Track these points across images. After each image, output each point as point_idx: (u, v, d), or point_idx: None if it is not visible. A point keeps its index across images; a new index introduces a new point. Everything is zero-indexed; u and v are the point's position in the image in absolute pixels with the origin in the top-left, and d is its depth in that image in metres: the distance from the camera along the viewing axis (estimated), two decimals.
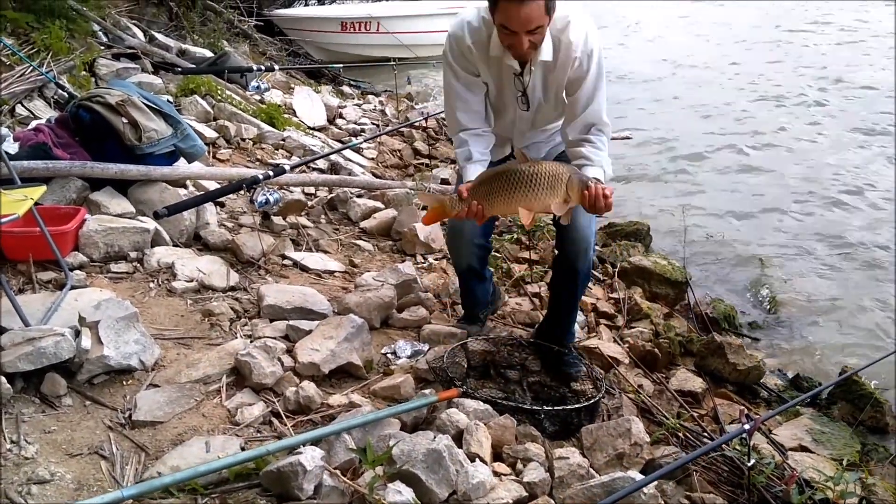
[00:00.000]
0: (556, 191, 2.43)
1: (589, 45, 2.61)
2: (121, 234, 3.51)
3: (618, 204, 6.20)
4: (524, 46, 2.47)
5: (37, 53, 5.29)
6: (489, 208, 2.50)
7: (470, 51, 2.66)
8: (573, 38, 2.58)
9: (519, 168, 2.45)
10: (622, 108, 9.03)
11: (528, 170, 2.44)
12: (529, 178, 2.43)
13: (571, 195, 2.43)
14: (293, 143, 5.85)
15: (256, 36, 9.68)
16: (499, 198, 2.47)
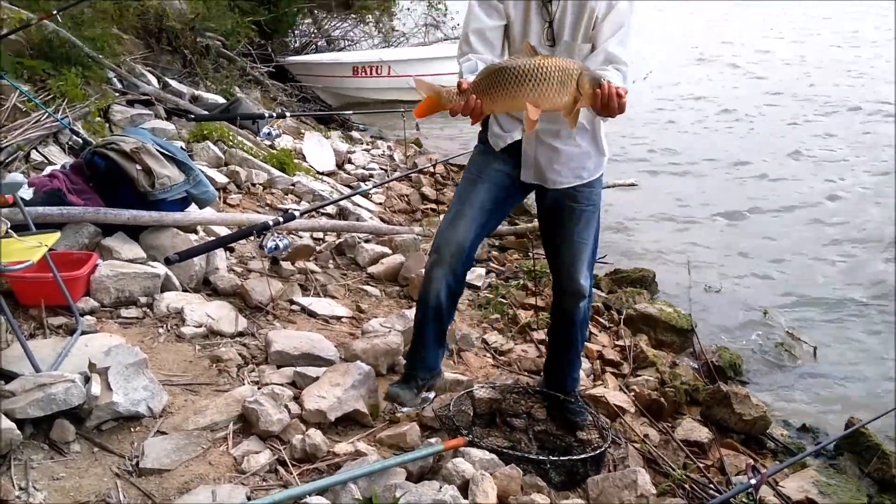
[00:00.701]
0: (565, 86, 2.27)
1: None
2: (132, 279, 3.56)
3: (624, 250, 6.27)
4: None
5: (53, 100, 5.40)
6: (491, 103, 2.33)
7: None
8: None
9: (526, 60, 2.29)
10: (632, 149, 9.14)
11: (537, 62, 2.27)
12: (537, 70, 2.26)
13: (582, 92, 2.28)
14: (303, 189, 5.92)
15: (268, 82, 9.84)
16: (502, 91, 2.29)
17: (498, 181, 2.80)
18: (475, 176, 2.84)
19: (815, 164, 8.83)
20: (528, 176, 2.80)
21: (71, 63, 5.92)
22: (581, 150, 2.75)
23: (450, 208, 2.90)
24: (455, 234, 2.76)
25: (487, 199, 2.80)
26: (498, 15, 2.62)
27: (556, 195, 2.83)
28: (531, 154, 2.75)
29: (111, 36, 6.92)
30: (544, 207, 2.92)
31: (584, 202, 2.83)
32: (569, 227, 2.84)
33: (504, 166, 2.81)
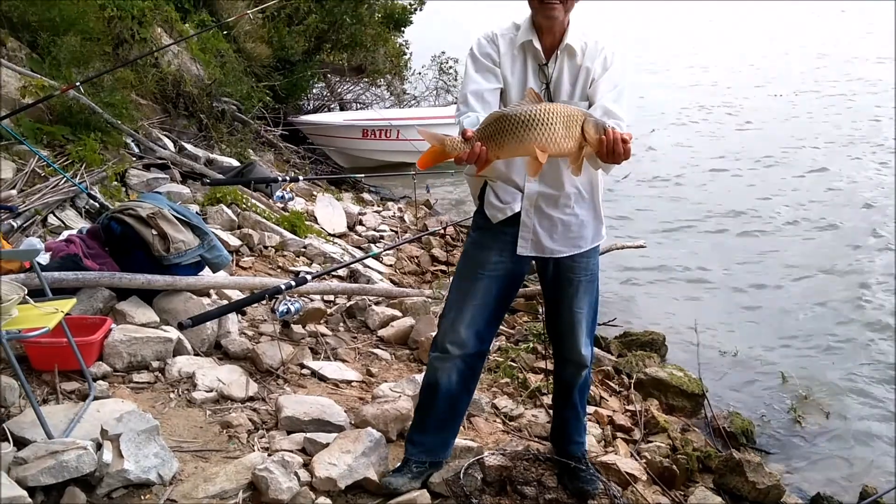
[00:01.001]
0: (571, 131, 2.29)
1: (617, 51, 2.69)
2: (144, 343, 3.59)
3: (633, 311, 6.26)
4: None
5: (71, 165, 5.52)
6: (497, 149, 2.32)
7: (494, 41, 2.68)
8: (602, 40, 2.69)
9: (531, 106, 2.30)
10: (638, 212, 9.20)
11: (542, 108, 2.29)
12: (543, 115, 2.27)
13: (588, 138, 2.30)
14: (314, 251, 5.98)
15: (281, 145, 10.03)
16: (509, 136, 2.28)
17: (499, 273, 2.79)
18: (475, 271, 2.81)
19: (828, 219, 8.84)
20: (526, 249, 2.77)
21: (90, 129, 6.07)
22: (579, 220, 2.76)
23: (450, 302, 2.87)
24: (459, 330, 2.77)
25: (491, 292, 2.79)
26: (495, 78, 2.66)
27: (554, 265, 2.83)
28: (530, 225, 2.74)
29: (130, 102, 7.10)
30: (543, 277, 2.92)
31: (581, 273, 2.84)
32: (567, 297, 2.85)
33: (502, 256, 2.78)
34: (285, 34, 11.15)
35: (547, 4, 2.56)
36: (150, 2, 8.41)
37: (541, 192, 2.70)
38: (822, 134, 13.54)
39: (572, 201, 2.73)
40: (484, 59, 2.67)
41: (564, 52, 2.65)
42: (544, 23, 2.61)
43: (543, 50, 2.65)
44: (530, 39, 2.64)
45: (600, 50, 2.66)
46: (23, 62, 6.46)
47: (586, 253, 2.84)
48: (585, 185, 2.75)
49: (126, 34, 7.89)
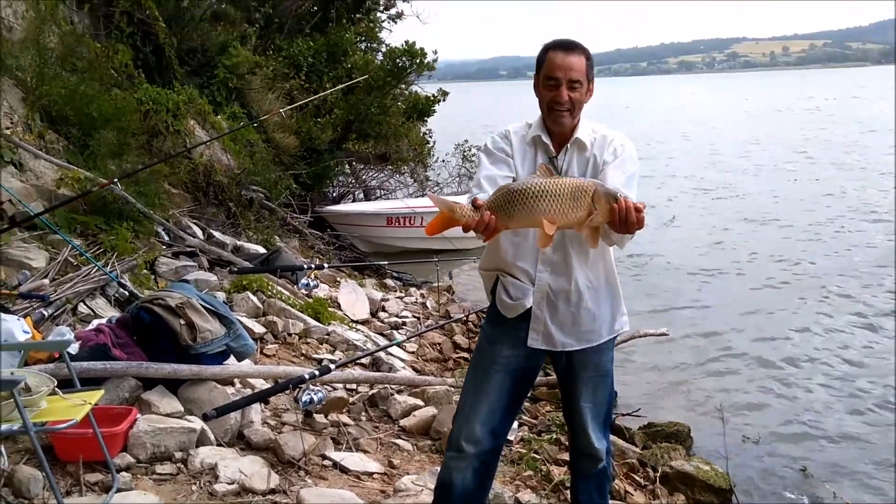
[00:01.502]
0: (580, 201, 2.29)
1: (627, 142, 2.75)
2: (168, 434, 3.61)
3: (657, 401, 6.20)
4: (564, 97, 2.61)
5: (103, 253, 5.67)
6: (506, 219, 2.31)
7: (507, 136, 2.76)
8: (612, 134, 2.75)
9: (540, 179, 2.33)
10: (661, 301, 9.18)
11: (551, 180, 2.32)
12: (552, 187, 2.29)
13: (598, 208, 2.29)
14: (337, 338, 6.03)
15: (307, 231, 10.21)
16: (518, 207, 2.29)
17: (512, 366, 2.78)
18: (489, 366, 2.80)
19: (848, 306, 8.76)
20: (537, 341, 2.76)
21: (123, 218, 6.25)
22: (591, 314, 2.76)
23: (464, 398, 2.86)
24: (474, 428, 2.75)
25: (505, 386, 2.78)
26: (507, 167, 2.70)
27: (566, 358, 2.82)
28: (541, 318, 2.74)
29: (163, 192, 7.32)
30: (557, 368, 2.92)
31: (593, 369, 2.83)
32: (580, 391, 2.84)
33: (515, 349, 2.77)
34: (313, 125, 11.52)
35: (556, 112, 2.65)
36: (185, 96, 8.77)
37: (552, 285, 2.72)
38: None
39: (585, 295, 2.74)
40: (497, 152, 2.74)
41: (574, 146, 2.72)
42: (553, 127, 2.71)
43: (553, 145, 2.73)
44: (539, 135, 2.72)
45: (610, 142, 2.73)
46: (60, 154, 6.72)
47: (599, 348, 2.83)
48: (599, 279, 2.77)
49: (161, 126, 8.20)
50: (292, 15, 13.24)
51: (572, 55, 2.65)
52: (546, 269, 2.72)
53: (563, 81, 2.63)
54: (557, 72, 2.63)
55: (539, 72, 2.72)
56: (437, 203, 2.37)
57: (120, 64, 8.48)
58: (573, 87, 2.64)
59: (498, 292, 2.81)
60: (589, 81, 2.70)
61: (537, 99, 2.76)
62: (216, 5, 12.12)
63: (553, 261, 2.71)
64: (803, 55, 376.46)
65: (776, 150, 24.28)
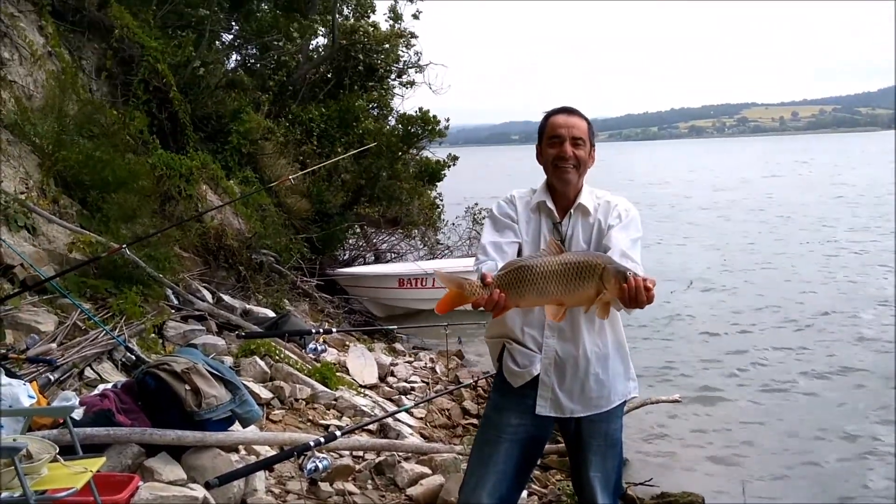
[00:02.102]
0: (589, 282, 2.31)
1: (631, 207, 2.78)
2: (170, 502, 3.56)
3: (670, 470, 6.08)
4: (568, 152, 2.66)
5: (111, 317, 5.67)
6: (515, 298, 2.34)
7: (512, 202, 2.79)
8: (616, 200, 2.79)
9: (550, 258, 2.35)
10: (676, 367, 9.07)
11: (560, 259, 2.34)
12: (560, 267, 2.31)
13: (607, 287, 2.29)
14: (344, 404, 5.97)
15: (317, 295, 10.22)
16: (526, 287, 2.32)
17: (520, 436, 2.75)
18: (496, 436, 2.77)
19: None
20: (545, 408, 2.74)
21: (133, 282, 6.26)
22: (599, 380, 2.74)
23: (471, 468, 2.80)
24: (484, 498, 2.68)
25: (513, 456, 2.74)
26: (513, 234, 2.73)
27: (575, 425, 2.79)
28: (549, 384, 2.73)
29: (174, 255, 7.37)
30: (566, 436, 2.87)
31: (601, 437, 2.79)
32: (589, 460, 2.79)
33: (523, 418, 2.75)
34: (324, 188, 11.64)
35: (561, 168, 2.70)
36: (198, 161, 8.90)
37: (559, 351, 2.71)
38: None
39: (592, 361, 2.72)
40: (503, 218, 2.78)
41: (578, 211, 2.75)
42: (559, 185, 2.74)
43: (557, 210, 2.75)
44: (544, 200, 2.76)
45: (614, 207, 2.76)
46: (73, 218, 6.80)
47: (608, 415, 2.80)
48: (607, 344, 2.76)
49: (173, 191, 8.31)
50: (306, 83, 13.53)
51: (574, 116, 2.75)
52: (553, 336, 2.71)
53: (567, 138, 2.70)
54: (561, 129, 2.71)
55: (542, 136, 2.79)
56: (445, 281, 2.40)
57: (136, 130, 8.65)
58: (577, 143, 2.71)
59: (504, 360, 2.80)
60: (591, 145, 2.76)
61: (542, 166, 2.80)
62: (231, 73, 12.40)
63: (560, 327, 2.69)
64: (813, 120, 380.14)
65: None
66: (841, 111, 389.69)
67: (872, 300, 12.20)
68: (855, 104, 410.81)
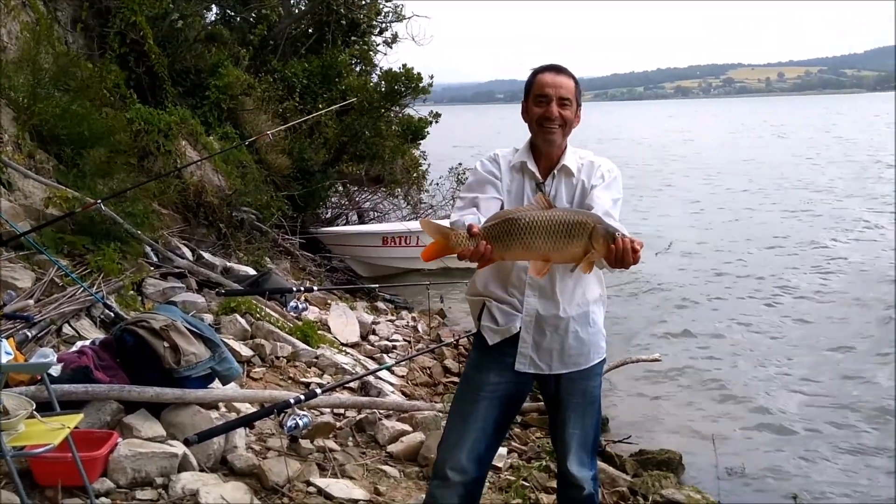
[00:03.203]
0: (579, 239, 2.30)
1: (613, 168, 2.77)
2: (149, 459, 3.55)
3: (649, 428, 6.15)
4: (555, 112, 2.64)
5: (89, 274, 5.61)
6: (502, 251, 2.32)
7: (496, 160, 2.77)
8: (599, 160, 2.78)
9: (540, 212, 2.33)
10: (655, 327, 9.15)
11: (550, 215, 2.31)
12: (550, 223, 2.29)
13: (595, 246, 2.29)
14: (326, 362, 5.96)
15: (298, 253, 10.17)
16: (514, 241, 2.30)
17: (499, 393, 2.76)
18: (475, 394, 2.77)
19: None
20: (525, 365, 2.75)
21: (111, 238, 6.19)
22: (578, 338, 2.75)
23: (450, 426, 2.82)
24: (460, 456, 2.70)
25: (492, 414, 2.75)
26: (495, 190, 2.71)
27: (555, 383, 2.80)
28: (528, 341, 2.73)
29: (152, 212, 7.27)
30: (545, 394, 2.90)
31: (579, 395, 2.80)
32: (568, 418, 2.81)
33: (502, 376, 2.76)
34: (306, 146, 11.51)
35: (547, 128, 2.67)
36: (176, 116, 8.75)
37: (540, 311, 2.71)
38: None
39: (573, 319, 2.73)
40: (486, 174, 2.75)
41: (562, 173, 2.73)
42: (543, 146, 2.71)
43: (540, 171, 2.73)
44: (525, 161, 2.73)
45: (597, 167, 2.75)
46: (49, 174, 6.68)
47: (587, 373, 2.80)
48: (588, 303, 2.76)
49: (152, 147, 8.18)
50: (287, 37, 13.29)
51: (562, 75, 2.70)
52: (534, 294, 2.71)
53: (554, 98, 2.66)
54: (548, 89, 2.66)
55: (529, 93, 2.74)
56: (430, 231, 2.38)
57: (112, 84, 8.48)
58: (563, 104, 2.67)
59: (484, 318, 2.80)
60: (577, 105, 2.72)
61: (526, 123, 2.76)
62: (210, 27, 12.15)
63: (541, 286, 2.69)
64: (798, 81, 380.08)
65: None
66: (827, 73, 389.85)
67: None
68: (841, 66, 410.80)
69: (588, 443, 2.85)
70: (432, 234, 2.37)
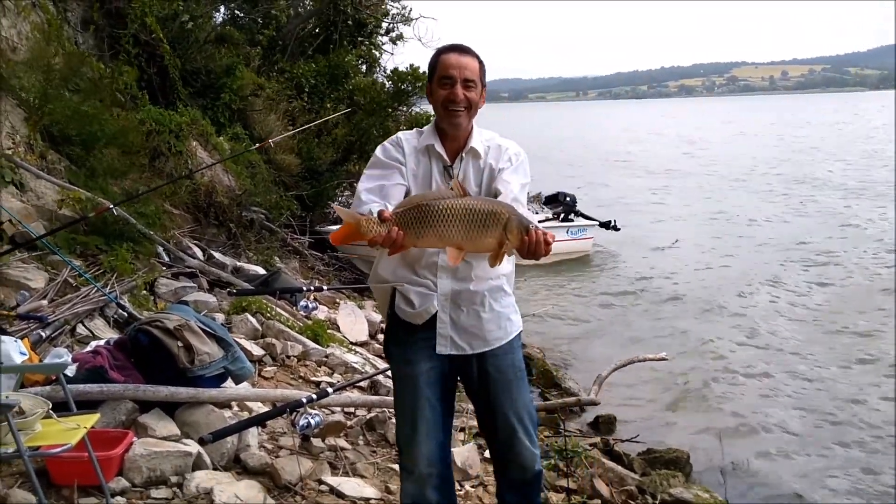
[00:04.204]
0: (493, 230, 2.26)
1: (521, 151, 2.76)
2: (164, 458, 3.59)
3: (655, 427, 6.15)
4: (460, 95, 2.60)
5: (102, 274, 5.66)
6: (413, 239, 2.27)
7: (399, 144, 2.72)
8: (506, 143, 2.76)
9: (453, 200, 2.27)
10: (661, 325, 9.16)
11: (464, 203, 2.26)
12: (465, 212, 2.25)
13: (510, 237, 2.25)
14: (335, 361, 6.01)
15: (307, 252, 10.21)
16: (427, 229, 2.25)
17: (434, 378, 2.70)
18: (412, 386, 2.70)
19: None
20: (446, 347, 2.69)
21: (123, 238, 6.24)
22: (496, 313, 2.72)
23: (401, 418, 2.81)
24: (423, 448, 2.67)
25: (436, 398, 2.71)
26: (400, 175, 2.66)
27: (477, 363, 2.73)
28: (446, 321, 2.67)
29: (164, 212, 7.32)
30: (469, 379, 2.79)
31: (509, 371, 2.75)
32: (500, 397, 2.74)
33: (431, 361, 2.69)
34: (314, 145, 11.55)
35: (452, 112, 2.63)
36: (188, 117, 8.80)
37: (455, 289, 2.67)
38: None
39: (487, 294, 2.70)
40: (388, 160, 2.69)
41: (469, 155, 2.70)
42: (449, 129, 2.68)
43: (447, 154, 2.69)
44: (433, 143, 2.69)
45: (505, 150, 2.73)
46: (61, 174, 6.73)
47: (508, 346, 2.76)
48: (500, 277, 2.73)
49: (163, 147, 8.23)
50: (295, 37, 13.33)
51: (466, 56, 2.67)
52: (447, 276, 2.66)
53: (458, 80, 2.63)
54: (452, 70, 2.63)
55: (433, 75, 2.71)
56: (342, 214, 2.34)
57: (124, 84, 8.53)
58: (468, 85, 2.64)
59: (398, 302, 2.73)
60: (483, 86, 2.71)
61: (431, 105, 2.75)
62: (220, 28, 12.20)
63: (454, 268, 2.62)
64: (802, 80, 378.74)
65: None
66: (830, 71, 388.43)
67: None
68: (844, 64, 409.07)
69: (533, 418, 2.80)
70: (344, 217, 2.32)
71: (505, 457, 2.82)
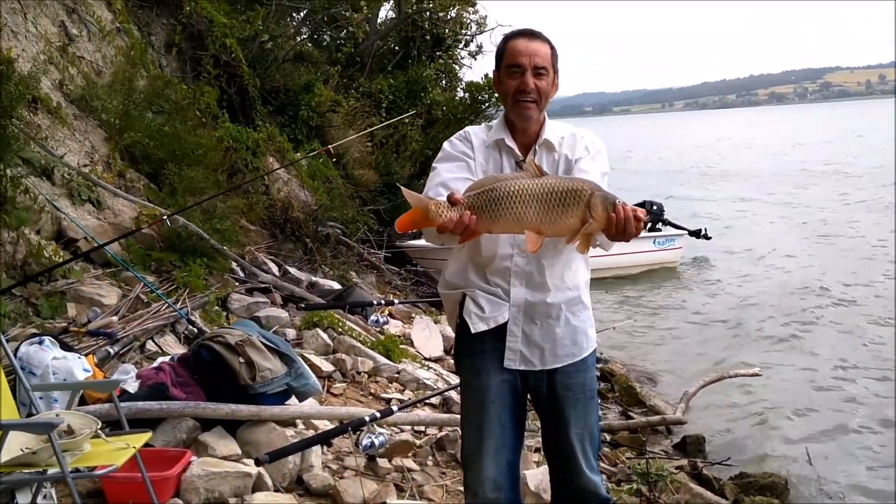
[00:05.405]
0: (575, 209, 2.05)
1: (597, 140, 2.54)
2: (223, 479, 3.49)
3: (750, 451, 5.75)
4: (530, 84, 2.39)
5: (175, 290, 5.68)
6: (488, 223, 2.09)
7: (468, 138, 2.54)
8: (581, 132, 2.55)
9: (529, 180, 2.09)
10: (755, 339, 8.66)
11: (542, 182, 2.07)
12: (543, 191, 2.06)
13: (594, 216, 2.04)
14: (407, 377, 5.85)
15: (384, 267, 10.14)
16: (502, 212, 2.06)
17: (506, 392, 2.49)
18: (483, 399, 2.49)
19: None
20: (514, 361, 2.48)
21: (197, 254, 6.27)
22: (571, 327, 2.49)
23: (467, 434, 2.57)
24: (489, 471, 2.45)
25: (505, 416, 2.49)
26: (468, 169, 2.47)
27: (548, 380, 2.51)
28: (518, 334, 2.46)
29: (239, 228, 7.36)
30: (538, 396, 2.57)
31: (580, 390, 2.51)
32: (569, 417, 2.50)
33: (502, 374, 2.48)
34: (392, 160, 11.53)
35: (522, 103, 2.42)
36: (265, 133, 8.89)
37: (530, 300, 2.45)
38: None
39: (564, 306, 2.47)
40: (457, 153, 2.51)
41: (543, 148, 2.49)
42: (518, 121, 2.47)
43: (518, 147, 2.49)
44: (503, 138, 2.49)
45: (580, 139, 2.51)
46: (140, 192, 6.84)
47: (582, 364, 2.53)
48: (578, 287, 2.51)
49: (241, 164, 8.31)
50: (374, 54, 13.40)
51: (536, 41, 2.45)
52: (520, 283, 2.45)
53: (528, 68, 2.41)
54: (521, 58, 2.42)
55: (500, 63, 2.50)
56: (410, 199, 2.15)
57: (205, 105, 8.67)
58: (539, 74, 2.42)
59: (467, 306, 2.51)
60: (555, 73, 2.48)
61: (499, 96, 2.54)
62: (299, 46, 12.36)
63: (527, 272, 2.44)
64: None
65: None
66: None
67: None
68: None
69: (595, 443, 2.56)
70: (412, 201, 2.14)
71: (571, 484, 2.57)
